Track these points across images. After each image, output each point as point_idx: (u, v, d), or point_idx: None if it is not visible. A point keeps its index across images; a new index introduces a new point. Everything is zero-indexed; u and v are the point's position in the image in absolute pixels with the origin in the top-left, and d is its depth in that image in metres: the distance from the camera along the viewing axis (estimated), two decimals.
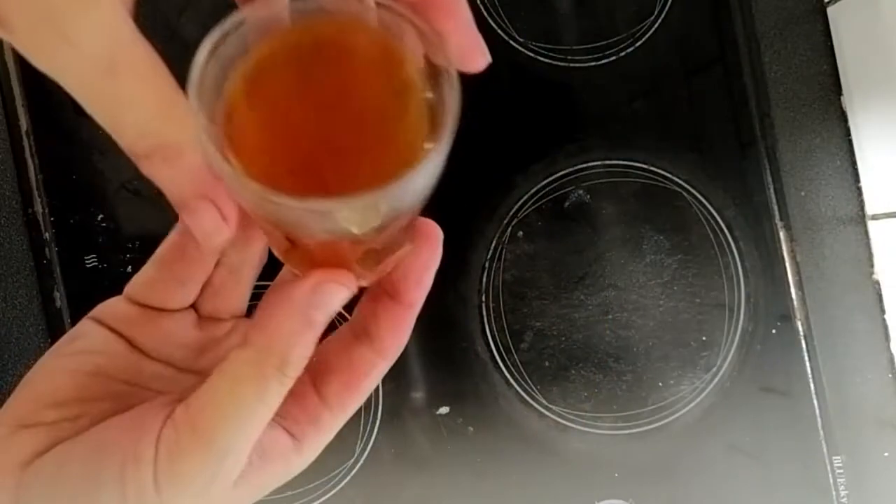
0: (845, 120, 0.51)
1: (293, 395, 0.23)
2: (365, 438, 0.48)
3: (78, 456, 0.21)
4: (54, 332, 0.47)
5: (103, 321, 0.24)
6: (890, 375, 0.50)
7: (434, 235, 0.25)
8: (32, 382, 0.23)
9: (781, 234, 0.50)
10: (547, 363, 0.49)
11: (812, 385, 0.49)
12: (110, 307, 0.25)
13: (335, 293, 0.21)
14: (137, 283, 0.25)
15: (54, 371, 0.23)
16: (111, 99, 0.19)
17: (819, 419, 0.49)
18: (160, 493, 0.20)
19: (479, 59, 0.21)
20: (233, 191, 0.20)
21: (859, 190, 0.51)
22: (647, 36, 0.50)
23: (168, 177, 0.20)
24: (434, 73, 0.20)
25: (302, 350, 0.21)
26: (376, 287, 0.25)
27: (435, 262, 0.25)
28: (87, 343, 0.24)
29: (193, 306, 0.26)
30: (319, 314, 0.21)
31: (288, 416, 0.24)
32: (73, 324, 0.26)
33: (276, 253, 0.24)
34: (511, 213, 0.49)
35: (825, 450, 0.49)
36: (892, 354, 0.50)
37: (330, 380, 0.24)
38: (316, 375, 0.24)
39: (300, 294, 0.21)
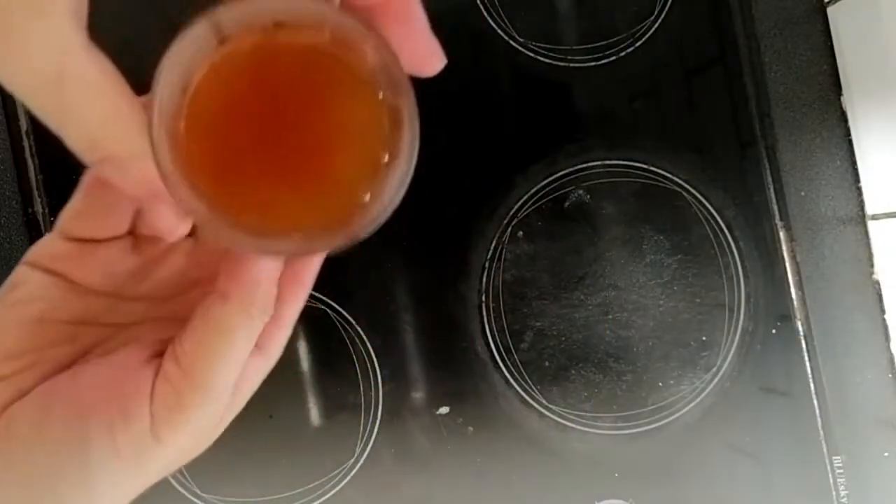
0: (845, 120, 0.51)
1: None
2: (365, 438, 0.48)
3: (59, 417, 0.21)
4: None
5: (38, 264, 0.24)
6: (890, 375, 0.50)
7: None
8: None
9: (781, 234, 0.50)
10: (547, 363, 0.49)
11: (812, 385, 0.49)
12: (44, 247, 0.24)
13: None
14: (68, 217, 0.24)
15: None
16: (58, 110, 0.19)
17: (819, 419, 0.49)
18: (161, 441, 0.22)
19: (435, 63, 0.21)
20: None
21: (859, 190, 0.51)
22: (647, 36, 0.50)
23: (120, 183, 0.21)
24: (392, 91, 0.20)
25: (275, 285, 0.23)
26: None
27: None
28: (27, 291, 0.24)
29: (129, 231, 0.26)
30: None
31: None
32: None
33: None
34: (511, 213, 0.49)
35: (825, 450, 0.49)
36: (892, 354, 0.50)
37: (281, 278, 0.26)
38: None
39: None
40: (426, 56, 0.21)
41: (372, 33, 0.19)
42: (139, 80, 0.20)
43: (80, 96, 0.18)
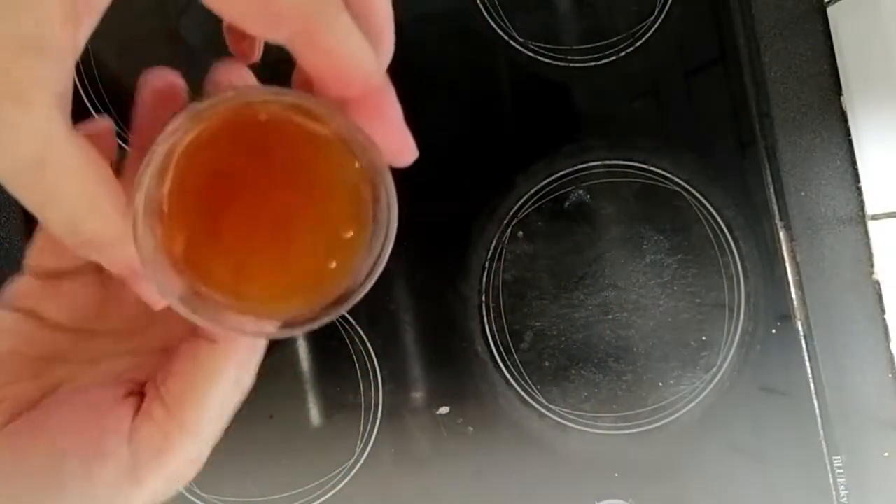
0: (845, 120, 0.51)
1: None
2: (365, 438, 0.48)
3: (36, 453, 0.22)
4: None
5: (7, 303, 0.24)
6: (890, 375, 0.50)
7: None
8: None
9: (781, 234, 0.50)
10: (547, 363, 0.49)
11: (812, 385, 0.49)
12: (12, 287, 0.25)
13: None
14: (34, 253, 0.25)
15: None
16: (39, 195, 0.19)
17: (819, 419, 0.49)
18: (140, 483, 0.21)
19: (406, 157, 0.22)
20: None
21: (859, 190, 0.51)
22: (647, 36, 0.50)
23: (101, 262, 0.21)
24: (371, 178, 0.21)
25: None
26: None
27: None
28: None
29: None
30: None
31: None
32: None
33: None
34: (511, 213, 0.49)
35: (825, 450, 0.49)
36: (892, 354, 0.50)
37: None
38: None
39: None
40: (399, 150, 0.21)
41: (351, 124, 0.20)
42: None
43: (61, 182, 0.18)
